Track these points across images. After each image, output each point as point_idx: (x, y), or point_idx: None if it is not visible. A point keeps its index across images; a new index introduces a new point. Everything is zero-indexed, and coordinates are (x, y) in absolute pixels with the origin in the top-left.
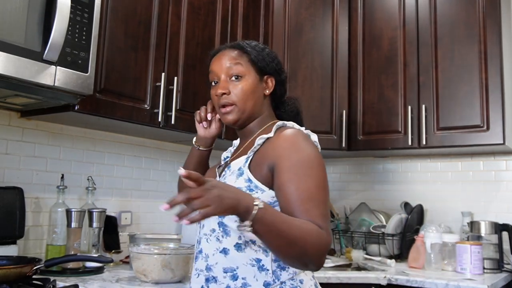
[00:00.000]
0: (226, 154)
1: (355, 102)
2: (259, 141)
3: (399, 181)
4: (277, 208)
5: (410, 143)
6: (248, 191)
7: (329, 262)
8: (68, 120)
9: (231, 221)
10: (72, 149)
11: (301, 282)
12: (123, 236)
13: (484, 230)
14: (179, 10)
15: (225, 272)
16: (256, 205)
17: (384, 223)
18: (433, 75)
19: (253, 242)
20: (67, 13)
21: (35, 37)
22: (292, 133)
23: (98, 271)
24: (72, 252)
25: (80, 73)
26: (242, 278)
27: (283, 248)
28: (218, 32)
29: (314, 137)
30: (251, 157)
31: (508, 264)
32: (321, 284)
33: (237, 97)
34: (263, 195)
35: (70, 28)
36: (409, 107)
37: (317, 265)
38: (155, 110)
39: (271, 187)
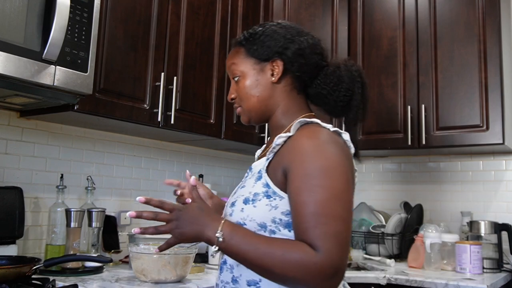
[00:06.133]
0: (258, 151)
1: None
2: (277, 140)
3: (398, 181)
4: None
5: (409, 143)
6: (265, 198)
7: None
8: (68, 120)
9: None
10: (72, 149)
11: None
12: (123, 236)
13: (483, 229)
14: (179, 10)
15: (249, 285)
16: (217, 237)
17: (384, 223)
18: (433, 75)
19: None
20: (66, 13)
21: (35, 36)
22: (311, 134)
23: (97, 271)
24: (72, 252)
25: (80, 72)
26: None
27: (263, 275)
28: (218, 32)
29: (346, 136)
30: (270, 159)
31: (508, 263)
32: None
33: (240, 99)
34: (282, 203)
35: (69, 28)
36: (409, 107)
37: None
38: (155, 110)
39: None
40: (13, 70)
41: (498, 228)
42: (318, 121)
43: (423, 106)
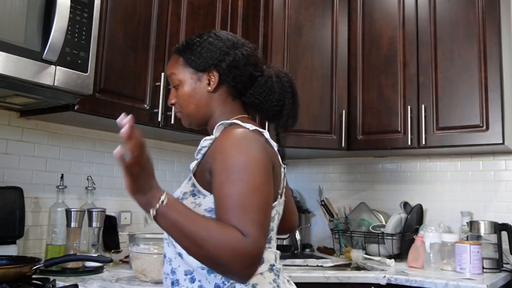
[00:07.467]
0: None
1: (355, 102)
2: (203, 143)
3: (398, 181)
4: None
5: (409, 143)
6: (191, 196)
7: (328, 262)
8: (68, 120)
9: None
10: (72, 149)
11: (254, 286)
12: (123, 236)
13: (483, 229)
14: (179, 10)
15: (186, 275)
16: (162, 200)
17: (384, 223)
18: (433, 75)
19: None
20: (66, 13)
21: (35, 37)
22: (230, 133)
23: (97, 271)
24: (72, 252)
25: (80, 73)
26: (199, 281)
27: (191, 249)
28: None
29: (266, 134)
30: (199, 160)
31: (508, 263)
32: (320, 284)
33: (180, 105)
34: (205, 200)
35: (69, 28)
36: (409, 107)
37: (238, 275)
38: (155, 110)
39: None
40: (13, 70)
41: (498, 228)
42: (238, 121)
43: (423, 106)
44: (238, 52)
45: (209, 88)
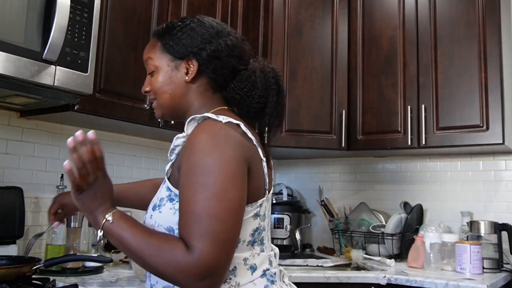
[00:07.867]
0: None
1: (355, 102)
2: (176, 141)
3: (398, 181)
4: None
5: (409, 143)
6: (169, 202)
7: (328, 262)
8: (68, 119)
9: None
10: None
11: None
12: None
13: (483, 229)
14: (179, 10)
15: None
16: (107, 219)
17: (384, 223)
18: (433, 75)
19: None
20: (66, 13)
21: (35, 36)
22: (200, 131)
23: (97, 271)
24: (72, 252)
25: (80, 72)
26: None
27: (142, 266)
28: None
29: (243, 126)
30: (173, 161)
31: (508, 263)
32: (320, 284)
33: (154, 93)
34: None
35: (69, 28)
36: (409, 107)
37: None
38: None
39: None
40: (13, 70)
41: (498, 228)
42: (211, 115)
43: (423, 106)
44: (221, 42)
45: (187, 78)
